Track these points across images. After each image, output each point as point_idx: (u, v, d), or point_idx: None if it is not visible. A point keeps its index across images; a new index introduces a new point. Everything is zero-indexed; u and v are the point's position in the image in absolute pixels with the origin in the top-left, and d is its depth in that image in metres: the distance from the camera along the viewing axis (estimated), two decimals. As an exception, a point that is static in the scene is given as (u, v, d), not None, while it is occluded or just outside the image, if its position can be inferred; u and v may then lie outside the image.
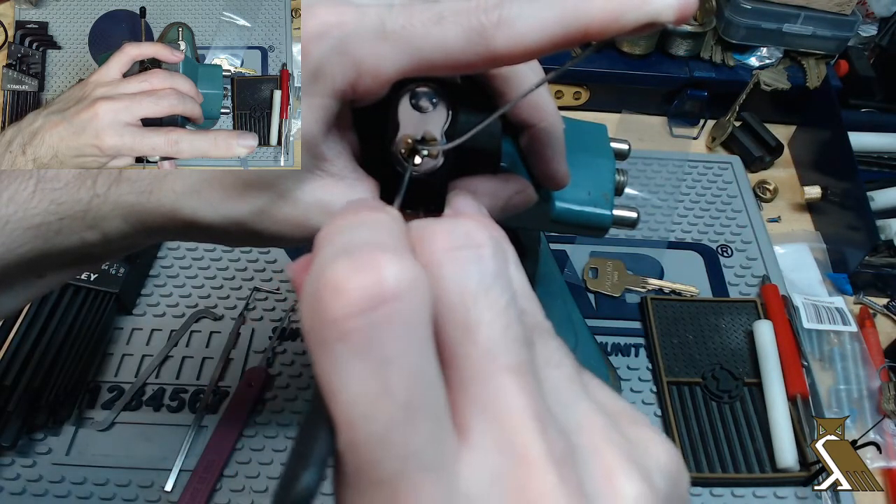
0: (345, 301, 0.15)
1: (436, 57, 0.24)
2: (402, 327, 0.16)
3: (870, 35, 0.95)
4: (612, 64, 0.90)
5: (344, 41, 0.25)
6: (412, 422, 0.16)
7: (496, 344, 0.17)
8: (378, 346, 0.16)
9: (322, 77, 0.25)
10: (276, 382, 0.64)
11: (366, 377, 0.16)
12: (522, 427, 0.17)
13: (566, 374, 0.20)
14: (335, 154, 0.28)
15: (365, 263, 0.16)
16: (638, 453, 0.18)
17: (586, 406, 0.19)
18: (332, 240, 0.17)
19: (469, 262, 0.18)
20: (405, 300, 0.16)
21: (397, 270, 0.16)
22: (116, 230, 0.29)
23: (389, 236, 0.18)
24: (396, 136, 0.27)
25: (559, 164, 0.32)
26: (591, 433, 0.18)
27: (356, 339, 0.16)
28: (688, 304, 0.71)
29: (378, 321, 0.16)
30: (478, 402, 0.17)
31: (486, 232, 0.19)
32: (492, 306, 0.18)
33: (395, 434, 0.15)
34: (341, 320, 0.16)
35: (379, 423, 0.15)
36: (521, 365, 0.18)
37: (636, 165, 0.85)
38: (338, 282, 0.16)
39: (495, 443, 0.17)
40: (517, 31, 0.23)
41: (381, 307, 0.16)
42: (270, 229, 0.28)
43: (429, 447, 0.16)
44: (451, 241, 0.18)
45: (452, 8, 0.24)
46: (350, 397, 0.16)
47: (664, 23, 0.22)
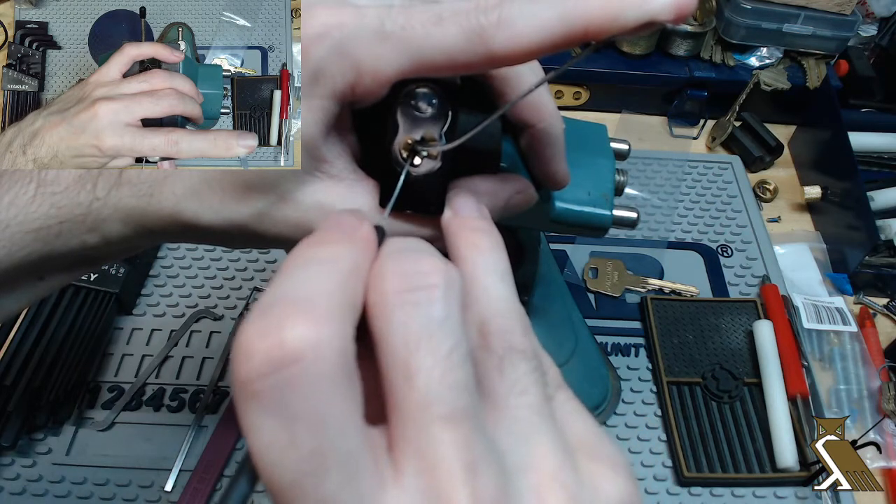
0: (250, 365, 0.17)
1: (435, 57, 0.24)
2: (305, 386, 0.17)
3: (870, 35, 0.95)
4: (611, 64, 0.90)
5: (343, 42, 0.25)
6: (321, 469, 0.17)
7: (432, 392, 0.18)
8: (282, 403, 0.17)
9: (322, 78, 0.25)
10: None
11: (274, 431, 0.17)
12: (449, 476, 0.17)
13: (530, 402, 0.20)
14: (335, 155, 0.28)
15: (270, 326, 0.17)
16: (585, 493, 0.19)
17: (543, 440, 0.19)
18: (270, 288, 0.19)
19: (416, 307, 0.19)
20: (306, 361, 0.17)
21: (300, 333, 0.17)
22: (117, 233, 0.29)
23: (321, 286, 0.18)
24: (396, 137, 0.27)
25: (559, 164, 0.32)
26: (539, 473, 0.19)
27: (263, 398, 0.17)
28: (688, 304, 0.71)
29: (280, 382, 0.17)
30: (411, 446, 0.18)
31: (442, 273, 0.20)
32: (432, 353, 0.18)
33: (305, 480, 0.17)
34: (249, 382, 0.17)
35: (288, 470, 0.17)
36: (455, 414, 0.18)
37: (636, 165, 0.85)
38: (247, 345, 0.17)
39: (423, 488, 0.18)
40: (517, 31, 0.23)
41: (282, 370, 0.17)
42: (271, 231, 0.28)
43: (342, 492, 0.17)
44: (403, 283, 0.19)
45: (452, 8, 0.24)
46: (261, 448, 0.17)
47: (663, 22, 0.22)
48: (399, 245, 0.21)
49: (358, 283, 0.20)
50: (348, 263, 0.19)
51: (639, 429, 0.63)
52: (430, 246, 0.21)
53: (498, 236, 0.25)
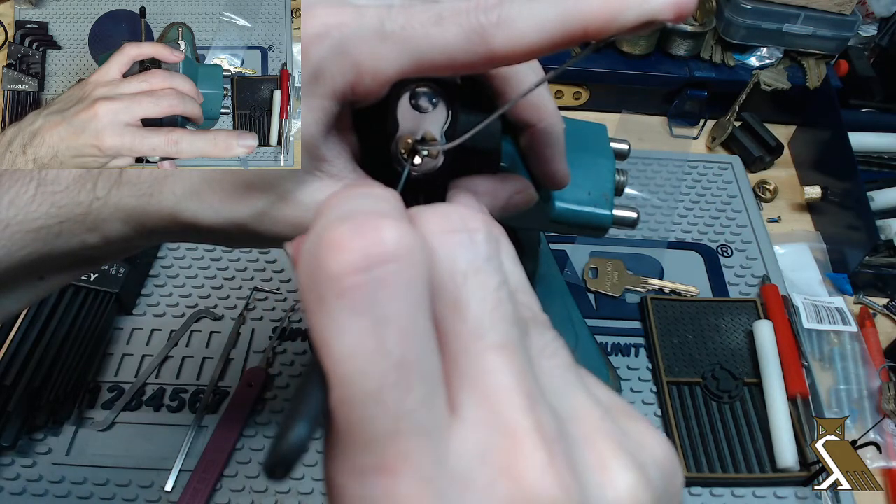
0: (345, 259, 0.16)
1: (435, 57, 0.24)
2: (399, 288, 0.16)
3: (870, 35, 0.95)
4: (612, 64, 0.90)
5: (343, 42, 0.25)
6: (406, 382, 0.16)
7: (484, 322, 0.18)
8: (375, 304, 0.16)
9: (322, 78, 0.25)
10: (276, 382, 0.64)
11: (362, 334, 0.16)
12: (510, 404, 0.17)
13: (561, 363, 0.20)
14: (335, 155, 0.28)
15: (366, 226, 0.16)
16: (633, 446, 0.18)
17: (582, 396, 0.19)
18: (332, 207, 0.18)
19: (461, 245, 0.18)
20: (404, 263, 0.16)
21: (397, 234, 0.16)
22: (117, 232, 0.29)
23: (389, 206, 0.18)
24: (396, 137, 0.27)
25: (559, 164, 0.32)
26: (586, 422, 0.18)
27: (354, 296, 0.16)
28: (688, 303, 0.71)
29: (377, 280, 0.16)
30: (467, 378, 0.17)
31: (481, 220, 0.19)
32: (481, 286, 0.18)
33: (388, 393, 0.16)
34: (340, 277, 0.16)
35: (373, 379, 0.16)
36: (510, 343, 0.18)
37: (636, 165, 0.85)
38: (339, 241, 0.16)
39: (484, 419, 0.17)
40: (516, 30, 0.23)
41: (381, 267, 0.16)
42: (271, 231, 0.28)
43: (421, 411, 0.16)
44: (446, 223, 0.19)
45: (452, 8, 0.24)
46: (345, 353, 0.16)
47: (663, 21, 0.22)
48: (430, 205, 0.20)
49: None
50: (397, 199, 0.19)
51: (639, 429, 0.63)
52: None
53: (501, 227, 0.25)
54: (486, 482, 0.16)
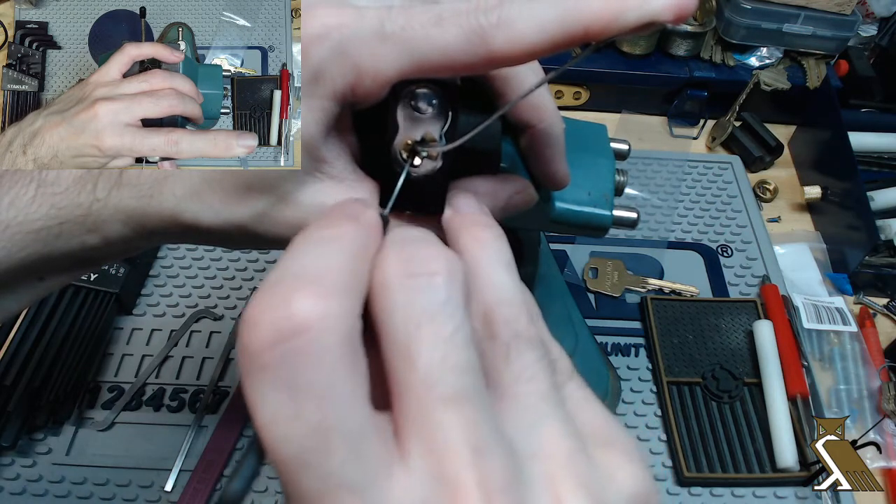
0: (258, 335, 0.17)
1: (435, 58, 0.24)
2: (313, 357, 0.17)
3: (870, 35, 0.95)
4: (612, 64, 0.90)
5: (343, 43, 0.25)
6: (326, 444, 0.17)
7: (434, 373, 0.18)
8: (288, 375, 0.17)
9: (322, 79, 0.25)
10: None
11: (278, 403, 0.17)
12: (455, 458, 0.17)
13: (538, 389, 0.20)
14: (335, 156, 0.28)
15: (278, 299, 0.17)
16: (598, 482, 0.18)
17: (553, 428, 0.19)
18: (277, 265, 0.18)
19: (417, 291, 0.19)
20: (315, 332, 0.17)
21: (308, 305, 0.17)
22: (117, 234, 0.29)
23: (330, 263, 0.18)
24: (396, 138, 0.27)
25: (559, 165, 0.32)
26: (550, 460, 0.18)
27: (269, 370, 0.17)
28: (688, 304, 0.71)
29: (289, 353, 0.17)
30: (415, 427, 0.18)
31: (443, 260, 0.19)
32: (434, 334, 0.18)
33: (310, 455, 0.17)
34: (256, 353, 0.17)
35: (293, 444, 0.17)
36: (460, 395, 0.18)
37: (636, 165, 0.85)
38: (255, 316, 0.17)
39: (429, 470, 0.17)
40: (517, 31, 0.23)
41: (292, 340, 0.17)
42: (271, 232, 0.28)
43: (349, 467, 0.17)
44: (405, 268, 0.19)
45: (452, 9, 0.24)
46: (266, 421, 0.17)
47: (663, 22, 0.22)
48: (403, 233, 0.21)
49: (364, 264, 0.19)
50: (355, 244, 0.19)
51: (639, 429, 0.63)
52: (433, 235, 0.21)
53: (499, 229, 0.25)
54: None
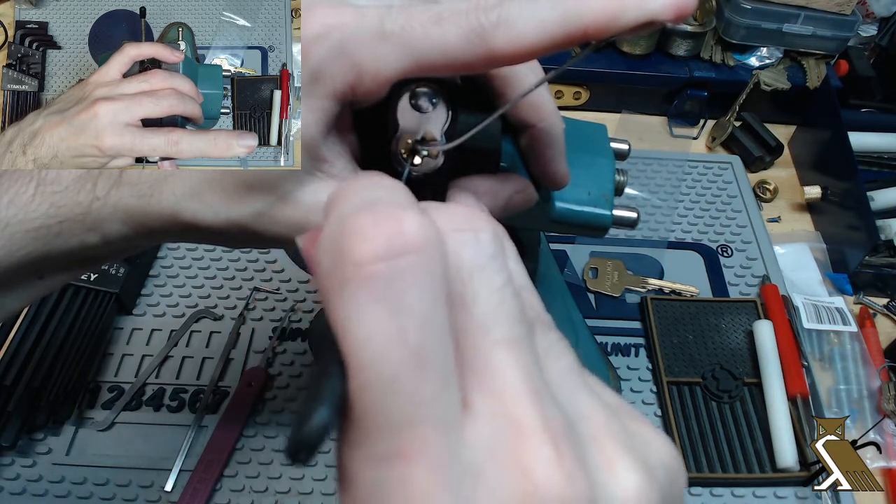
0: (368, 246, 0.16)
1: (435, 57, 0.24)
2: (420, 279, 0.16)
3: (870, 35, 0.95)
4: (611, 64, 0.90)
5: (343, 43, 0.25)
6: (422, 370, 0.16)
7: (490, 318, 0.18)
8: (397, 292, 0.16)
9: (322, 79, 0.25)
10: (276, 382, 0.64)
11: (382, 320, 0.16)
12: (518, 400, 0.17)
13: (567, 365, 0.20)
14: (335, 155, 0.28)
15: (389, 216, 0.16)
16: (640, 447, 0.18)
17: (587, 397, 0.19)
18: (350, 197, 0.18)
19: (467, 243, 0.19)
20: (424, 254, 0.16)
21: (418, 226, 0.16)
22: (116, 233, 0.29)
23: (407, 198, 0.18)
24: (396, 137, 0.27)
25: (559, 164, 0.32)
26: (593, 423, 0.18)
27: (376, 283, 0.16)
28: (688, 304, 0.71)
29: (398, 269, 0.16)
30: (475, 373, 0.17)
31: (485, 219, 0.19)
32: (487, 283, 0.18)
33: (406, 380, 0.16)
34: (363, 264, 0.16)
35: (391, 365, 0.16)
36: (516, 340, 0.18)
37: (636, 165, 0.85)
38: (362, 228, 0.16)
39: (493, 413, 0.17)
40: (516, 30, 0.23)
41: (402, 257, 0.16)
42: (271, 231, 0.28)
43: (437, 400, 0.16)
44: (453, 222, 0.19)
45: (452, 8, 0.24)
46: (364, 338, 0.16)
47: (663, 22, 0.22)
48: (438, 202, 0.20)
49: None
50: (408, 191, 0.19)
51: (639, 429, 0.63)
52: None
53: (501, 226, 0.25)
54: (496, 476, 0.16)
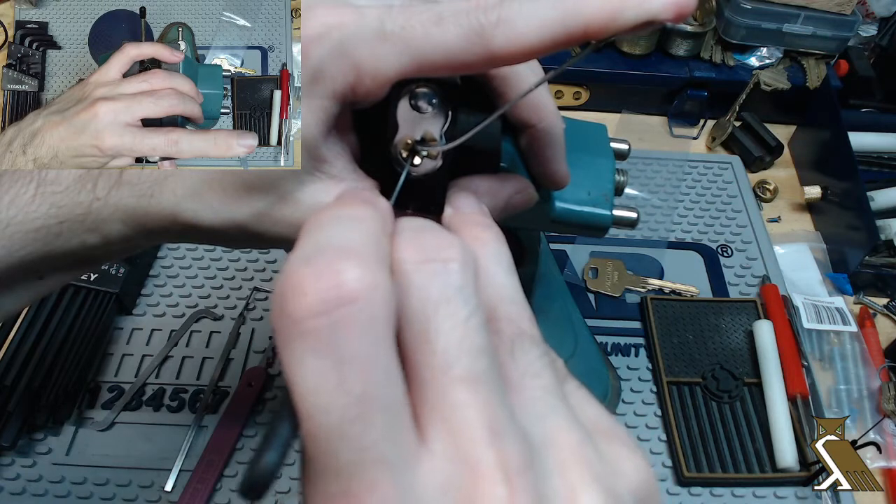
0: (304, 302, 0.17)
1: (435, 57, 0.24)
2: (358, 328, 0.17)
3: (870, 35, 0.95)
4: (612, 64, 0.90)
5: (343, 43, 0.25)
6: (367, 416, 0.16)
7: (452, 354, 0.18)
8: (334, 344, 0.16)
9: (321, 79, 0.25)
10: (276, 382, 0.64)
11: (322, 372, 0.16)
12: (474, 439, 0.17)
13: (543, 384, 0.20)
14: (335, 155, 0.28)
15: (325, 269, 0.17)
16: (608, 473, 0.19)
17: (560, 420, 0.19)
18: (305, 239, 0.18)
19: (434, 274, 0.19)
20: (362, 303, 0.17)
21: (356, 276, 0.17)
22: (117, 233, 0.29)
23: (362, 238, 0.18)
24: (396, 137, 0.27)
25: (559, 164, 0.32)
26: (560, 449, 0.19)
27: (314, 338, 0.16)
28: (688, 303, 0.71)
29: (336, 322, 0.16)
30: (434, 409, 0.18)
31: (457, 248, 0.20)
32: (450, 317, 0.18)
33: (350, 427, 0.16)
34: (301, 320, 0.17)
35: (334, 414, 0.16)
36: (477, 376, 0.18)
37: (636, 165, 0.85)
38: (299, 284, 0.17)
39: (449, 452, 0.17)
40: (517, 30, 0.23)
41: (339, 309, 0.17)
42: (271, 231, 0.28)
43: (385, 442, 0.17)
44: (420, 253, 0.19)
45: (452, 8, 0.24)
46: (307, 390, 0.17)
47: (662, 21, 0.22)
48: (413, 223, 0.21)
49: (387, 244, 0.19)
50: (377, 224, 0.19)
51: (639, 429, 0.63)
52: (440, 227, 0.21)
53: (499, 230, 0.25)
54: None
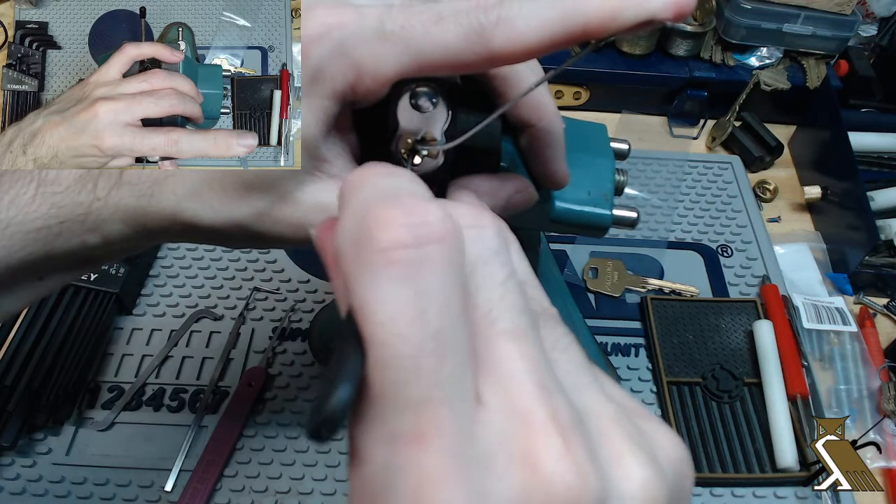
0: (395, 234, 0.17)
1: (435, 57, 0.24)
2: (441, 266, 0.17)
3: (870, 35, 0.95)
4: (612, 64, 0.90)
5: (343, 42, 0.25)
6: (441, 352, 0.16)
7: (493, 309, 0.18)
8: (419, 277, 0.17)
9: (322, 79, 0.25)
10: (276, 382, 0.64)
11: (404, 301, 0.16)
12: (524, 392, 0.17)
13: (574, 359, 0.20)
14: (335, 155, 0.28)
15: (415, 207, 0.17)
16: (648, 443, 0.19)
17: (596, 392, 0.19)
18: (370, 185, 0.18)
19: (471, 239, 0.19)
20: (446, 244, 0.17)
21: (441, 218, 0.17)
22: (117, 233, 0.29)
23: (425, 190, 0.19)
24: (396, 137, 0.27)
25: (559, 164, 0.32)
26: (601, 417, 0.19)
27: (400, 268, 0.17)
28: (688, 304, 0.71)
29: (423, 256, 0.17)
30: (482, 364, 0.18)
31: (490, 217, 0.20)
32: (490, 276, 0.19)
33: (425, 359, 0.16)
34: (388, 250, 0.17)
35: (412, 344, 0.16)
36: (521, 331, 0.18)
37: (636, 165, 0.85)
38: (390, 217, 0.17)
39: (502, 405, 0.17)
40: (516, 29, 0.23)
41: (426, 245, 0.17)
42: (271, 231, 0.28)
43: (453, 383, 0.17)
44: (459, 218, 0.19)
45: (452, 7, 0.24)
46: (387, 317, 0.16)
47: (662, 21, 0.22)
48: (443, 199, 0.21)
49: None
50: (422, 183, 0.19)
51: (639, 429, 0.63)
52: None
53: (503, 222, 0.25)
54: (506, 468, 0.16)
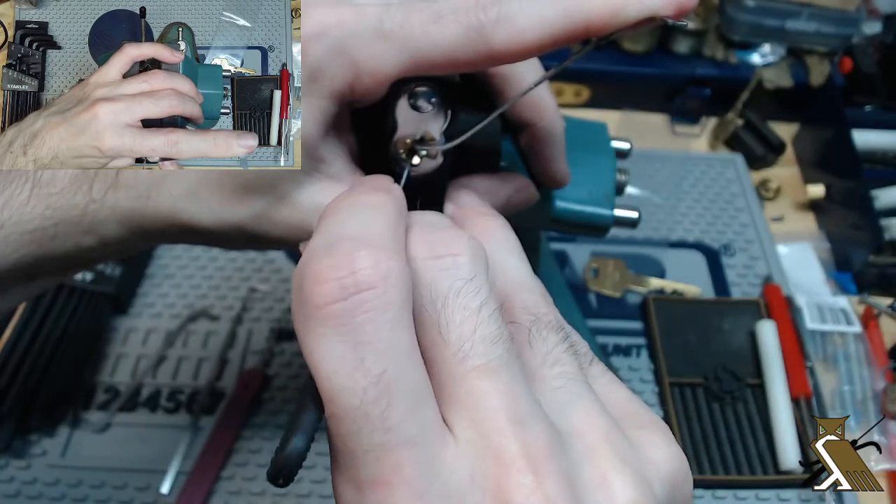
0: (324, 290, 0.17)
1: (434, 56, 0.24)
2: (374, 312, 0.17)
3: (874, 32, 0.94)
4: (613, 62, 0.89)
5: (342, 41, 0.25)
6: (388, 395, 0.17)
7: (466, 344, 0.19)
8: (352, 327, 0.17)
9: (320, 78, 0.25)
10: (274, 384, 0.63)
11: (342, 354, 0.17)
12: (497, 428, 0.18)
13: (565, 371, 0.20)
14: (333, 156, 0.28)
15: (343, 257, 0.18)
16: (637, 459, 0.19)
17: (585, 406, 0.19)
18: (323, 228, 0.19)
19: (443, 269, 0.20)
20: (379, 289, 0.18)
21: (371, 263, 0.18)
22: (113, 235, 0.29)
23: (377, 226, 0.19)
24: (395, 137, 0.26)
25: (559, 163, 0.32)
26: (588, 436, 0.19)
27: (334, 322, 0.17)
28: (690, 304, 0.71)
29: (353, 307, 0.17)
30: (455, 399, 0.18)
31: (465, 241, 0.20)
32: (462, 309, 0.19)
33: (372, 406, 0.17)
34: (321, 306, 0.17)
35: (355, 394, 0.17)
36: (493, 364, 0.18)
37: (637, 164, 0.84)
38: (319, 273, 0.18)
39: (473, 440, 0.18)
40: (516, 28, 0.23)
41: (357, 295, 0.17)
42: (269, 232, 0.28)
43: (409, 423, 0.17)
44: (429, 249, 0.20)
45: (451, 6, 0.24)
46: (329, 371, 0.17)
47: (664, 18, 0.22)
48: (424, 217, 0.21)
49: (403, 232, 0.20)
50: (394, 212, 0.20)
51: (640, 430, 0.63)
52: (450, 221, 0.22)
53: (503, 218, 0.25)
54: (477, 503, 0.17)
